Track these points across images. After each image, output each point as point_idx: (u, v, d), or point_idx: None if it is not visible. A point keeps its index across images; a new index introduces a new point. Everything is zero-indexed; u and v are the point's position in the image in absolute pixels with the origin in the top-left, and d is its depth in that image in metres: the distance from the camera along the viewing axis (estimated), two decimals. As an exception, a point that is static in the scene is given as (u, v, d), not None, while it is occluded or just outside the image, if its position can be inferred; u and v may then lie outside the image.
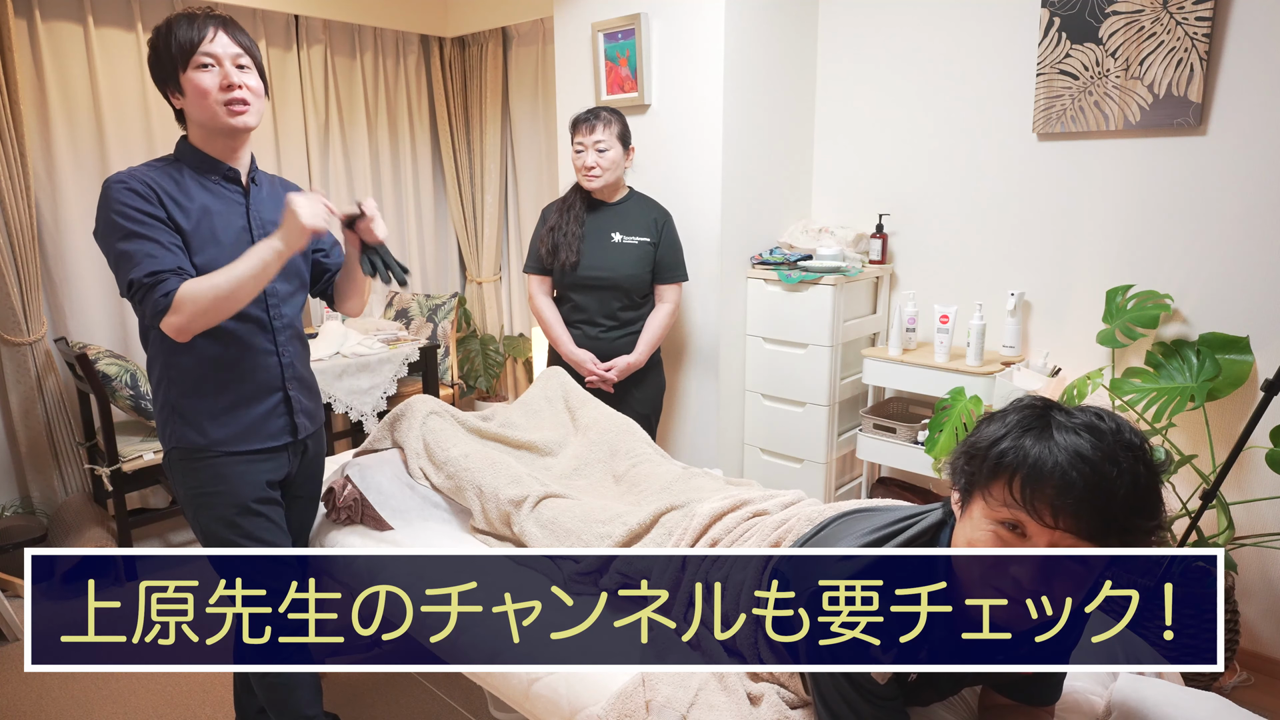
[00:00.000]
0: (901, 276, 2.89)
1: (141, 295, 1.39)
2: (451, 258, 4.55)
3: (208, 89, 1.45)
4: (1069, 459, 0.87)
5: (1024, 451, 0.90)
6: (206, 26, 1.46)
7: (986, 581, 0.95)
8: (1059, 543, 0.89)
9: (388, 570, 1.70)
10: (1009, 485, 0.91)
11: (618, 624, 1.48)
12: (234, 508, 1.55)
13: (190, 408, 1.52)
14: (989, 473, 0.93)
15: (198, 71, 1.45)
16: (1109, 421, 0.90)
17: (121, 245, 1.40)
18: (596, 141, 2.37)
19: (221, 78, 1.45)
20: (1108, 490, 0.86)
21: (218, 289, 1.40)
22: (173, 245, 1.43)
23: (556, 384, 2.25)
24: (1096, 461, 0.86)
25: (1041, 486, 0.88)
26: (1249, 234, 2.16)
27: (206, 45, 1.45)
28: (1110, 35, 2.28)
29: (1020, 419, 0.94)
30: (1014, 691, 1.17)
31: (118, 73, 3.14)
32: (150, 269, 1.38)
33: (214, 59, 1.46)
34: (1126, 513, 0.86)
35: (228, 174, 1.54)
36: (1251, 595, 2.27)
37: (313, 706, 1.70)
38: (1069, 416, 0.92)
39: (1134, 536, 0.88)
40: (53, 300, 3.11)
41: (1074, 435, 0.89)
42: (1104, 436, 0.88)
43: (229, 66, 1.46)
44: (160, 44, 1.47)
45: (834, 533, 1.18)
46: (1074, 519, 0.87)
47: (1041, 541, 0.89)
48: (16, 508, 3.06)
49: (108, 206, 1.42)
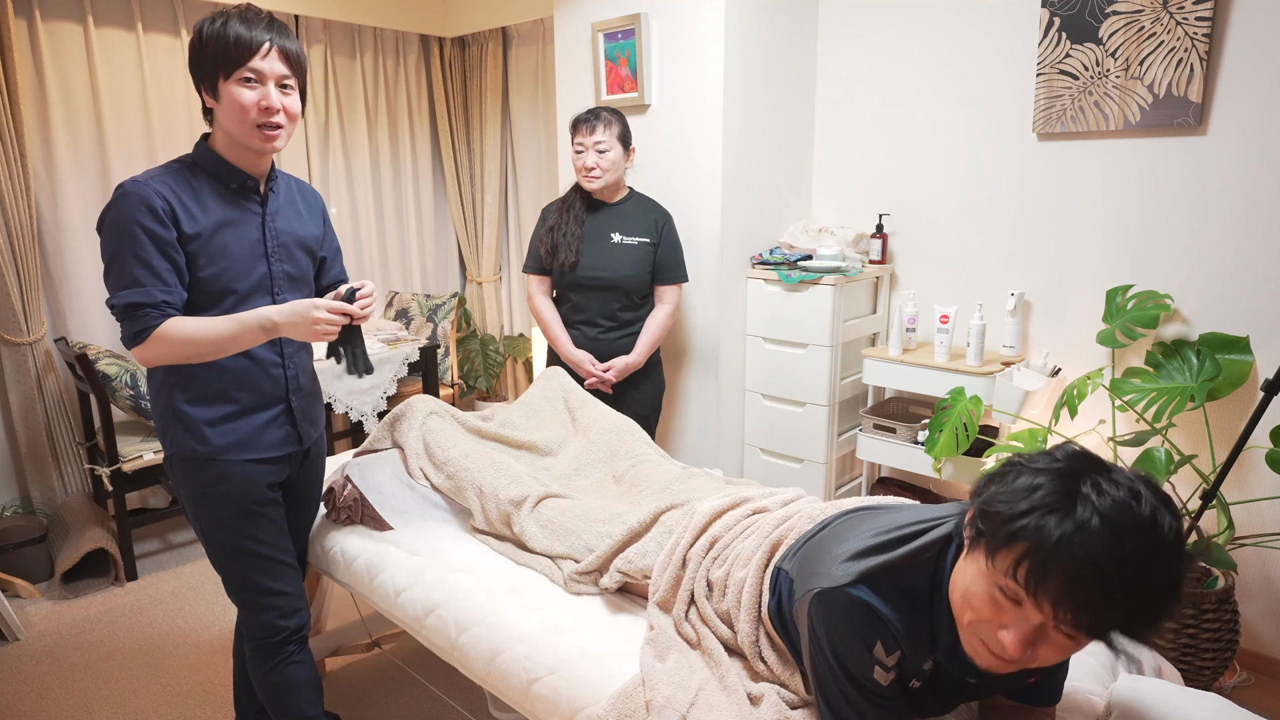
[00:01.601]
0: (901, 276, 2.89)
1: (120, 319, 1.39)
2: (451, 258, 4.55)
3: (246, 106, 1.39)
4: (1083, 559, 0.81)
5: (1038, 536, 0.84)
6: (263, 38, 1.39)
7: (973, 630, 0.93)
8: (1049, 622, 0.86)
9: (388, 570, 1.70)
10: (1016, 565, 0.86)
11: (617, 624, 1.48)
12: (235, 509, 1.55)
13: (192, 415, 1.50)
14: (1002, 540, 0.88)
15: (239, 85, 1.39)
16: (1145, 505, 0.83)
17: (117, 261, 1.38)
18: (597, 142, 2.37)
19: (261, 97, 1.40)
20: (1118, 597, 0.81)
21: (192, 345, 1.40)
22: (167, 274, 1.39)
23: (556, 384, 2.25)
24: (1108, 570, 0.80)
25: (1045, 579, 0.83)
26: (1249, 234, 2.16)
27: (256, 61, 1.38)
28: (1110, 35, 2.28)
29: (1048, 494, 0.86)
30: (1015, 692, 1.17)
31: (118, 73, 3.14)
32: (133, 300, 1.36)
33: (259, 76, 1.39)
34: (1126, 618, 0.83)
35: (247, 183, 1.50)
36: (1251, 595, 2.27)
37: (313, 706, 1.70)
38: (1099, 493, 0.83)
39: (1136, 632, 0.84)
40: (53, 300, 3.11)
41: (1100, 522, 0.81)
42: (1132, 529, 0.81)
43: (272, 87, 1.41)
44: (210, 43, 1.38)
45: (838, 531, 1.17)
46: (1072, 617, 0.83)
47: (1034, 620, 0.87)
48: (16, 508, 3.06)
49: (117, 216, 1.38)
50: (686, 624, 1.38)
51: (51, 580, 2.80)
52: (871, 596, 1.01)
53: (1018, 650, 0.88)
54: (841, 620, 1.02)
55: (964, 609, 0.94)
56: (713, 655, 1.31)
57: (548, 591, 1.58)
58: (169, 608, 2.68)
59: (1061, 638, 0.87)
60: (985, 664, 0.94)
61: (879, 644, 1.00)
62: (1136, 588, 0.82)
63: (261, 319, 1.42)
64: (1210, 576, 2.11)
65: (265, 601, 1.61)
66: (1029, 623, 0.87)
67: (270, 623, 1.62)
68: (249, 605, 1.62)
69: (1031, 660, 0.90)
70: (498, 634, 1.46)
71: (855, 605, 1.01)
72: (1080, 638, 0.86)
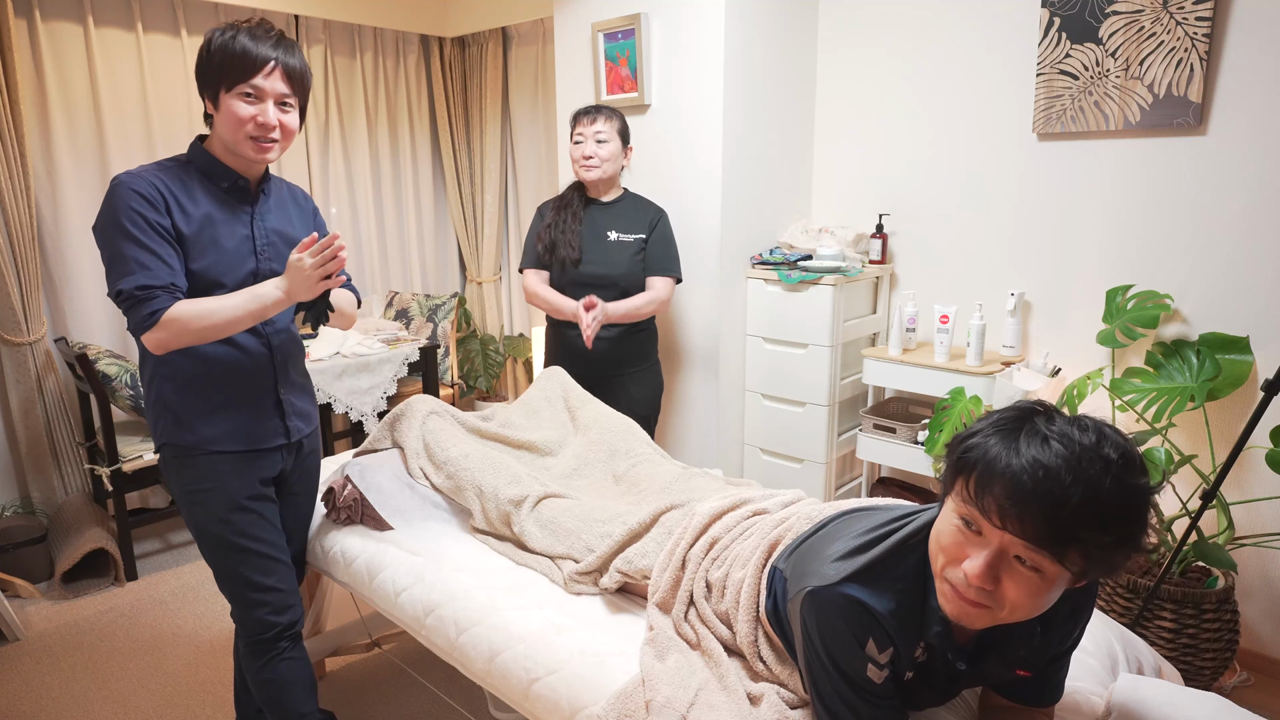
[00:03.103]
0: (901, 276, 2.89)
1: (128, 306, 1.39)
2: (451, 258, 4.55)
3: (243, 120, 1.42)
4: (1024, 463, 0.86)
5: (985, 450, 0.90)
6: (268, 56, 1.41)
7: (944, 576, 0.96)
8: (1009, 546, 0.89)
9: (388, 570, 1.70)
10: (967, 481, 0.91)
11: (617, 624, 1.48)
12: (227, 505, 1.55)
13: (181, 405, 1.51)
14: (955, 467, 0.94)
15: (238, 99, 1.41)
16: (1089, 434, 0.88)
17: (117, 249, 1.39)
18: (597, 132, 2.37)
19: (259, 113, 1.43)
20: (1058, 497, 0.84)
21: (208, 319, 1.40)
22: (169, 258, 1.41)
23: (556, 384, 2.25)
24: (1053, 468, 0.85)
25: (991, 485, 0.88)
26: (1249, 234, 2.16)
27: (259, 79, 1.41)
28: (1110, 35, 2.28)
29: (999, 420, 0.93)
30: (1014, 692, 1.17)
31: (118, 73, 3.14)
32: (142, 282, 1.37)
33: (258, 93, 1.42)
34: (1078, 524, 0.84)
35: (238, 182, 1.52)
36: (1251, 595, 2.27)
37: (307, 703, 1.70)
38: (1049, 423, 0.90)
39: (1091, 551, 0.86)
40: (53, 300, 3.11)
41: (1042, 442, 0.87)
42: (1073, 446, 0.86)
43: (270, 105, 1.43)
44: (216, 54, 1.41)
45: (833, 532, 1.17)
46: (1018, 522, 0.86)
47: (993, 541, 0.90)
48: (16, 508, 3.06)
49: (112, 207, 1.40)
50: (686, 624, 1.38)
51: (51, 580, 2.80)
52: (863, 593, 1.01)
53: (980, 576, 0.90)
54: (833, 618, 1.02)
55: (936, 557, 0.97)
56: (712, 655, 1.31)
57: (547, 591, 1.58)
58: (169, 608, 2.68)
59: (1023, 570, 0.89)
60: (954, 610, 0.95)
61: (871, 641, 1.01)
62: (1081, 491, 0.84)
63: (271, 289, 1.45)
64: (1210, 576, 2.11)
65: (257, 598, 1.61)
66: (989, 546, 0.90)
67: (262, 619, 1.62)
68: (241, 601, 1.62)
69: (1001, 604, 0.91)
70: (497, 634, 1.46)
71: (847, 603, 1.01)
72: (1041, 564, 0.87)
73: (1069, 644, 1.11)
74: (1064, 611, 1.05)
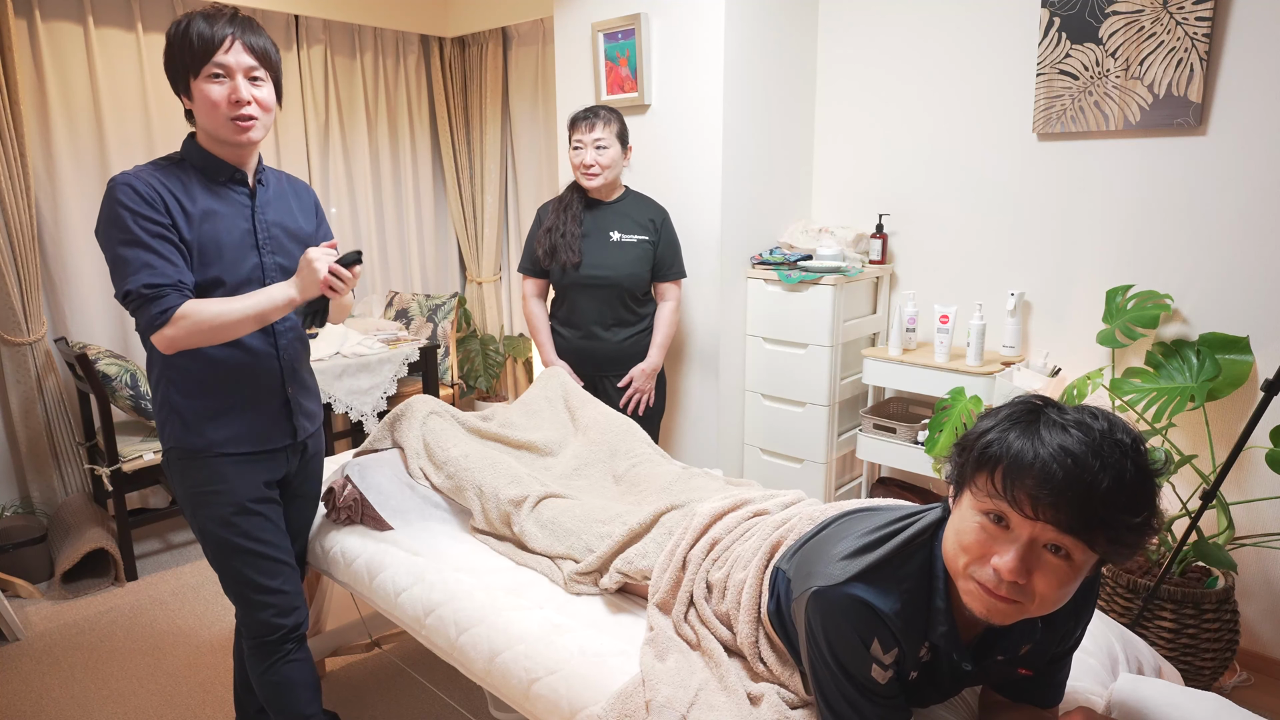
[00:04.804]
0: (901, 276, 2.89)
1: (137, 305, 1.38)
2: (451, 258, 4.55)
3: (216, 101, 1.42)
4: (1052, 452, 0.88)
5: (1008, 444, 0.91)
6: (224, 32, 1.41)
7: (969, 574, 0.95)
8: (1040, 536, 0.90)
9: (388, 570, 1.70)
10: (992, 476, 0.92)
11: (617, 624, 1.48)
12: (232, 507, 1.55)
13: (189, 409, 1.51)
14: (975, 464, 0.95)
15: (208, 82, 1.41)
16: (1101, 421, 0.91)
17: (121, 251, 1.38)
18: (596, 139, 2.36)
19: (231, 91, 1.42)
20: (1089, 483, 0.86)
21: (220, 318, 1.40)
22: (173, 256, 1.41)
23: (556, 384, 2.25)
24: (1080, 455, 0.87)
25: (1022, 477, 0.89)
26: (1249, 234, 2.16)
27: (220, 55, 1.41)
28: (1110, 35, 2.28)
29: (1011, 414, 0.95)
30: (1015, 692, 1.17)
31: (118, 73, 3.14)
32: (148, 280, 1.37)
33: (225, 70, 1.42)
34: (1107, 507, 0.86)
35: (235, 176, 1.52)
36: (1251, 595, 2.27)
37: (312, 705, 1.70)
38: (1061, 413, 0.92)
39: (1119, 533, 0.88)
40: (53, 300, 3.11)
41: (1062, 431, 0.89)
42: (1092, 433, 0.89)
43: (240, 80, 1.43)
44: (175, 44, 1.42)
45: (835, 532, 1.17)
46: (1053, 510, 0.87)
47: (1023, 534, 0.90)
48: (16, 508, 3.06)
49: (112, 208, 1.39)
50: (686, 625, 1.38)
51: (51, 580, 2.80)
52: (868, 593, 1.01)
53: (1013, 570, 0.90)
54: (838, 618, 1.02)
55: (957, 557, 0.97)
56: (712, 655, 1.31)
57: (547, 591, 1.58)
58: (169, 608, 2.68)
59: (1053, 560, 0.90)
60: (984, 609, 0.95)
61: (876, 641, 1.00)
62: (1109, 475, 0.86)
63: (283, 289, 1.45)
64: (1210, 576, 2.11)
65: (262, 600, 1.61)
66: (1019, 539, 0.91)
67: (267, 621, 1.62)
68: (246, 603, 1.62)
69: (1031, 597, 0.92)
70: (497, 634, 1.46)
71: (852, 603, 1.01)
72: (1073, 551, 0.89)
73: (1070, 643, 1.11)
74: (1065, 608, 1.06)
